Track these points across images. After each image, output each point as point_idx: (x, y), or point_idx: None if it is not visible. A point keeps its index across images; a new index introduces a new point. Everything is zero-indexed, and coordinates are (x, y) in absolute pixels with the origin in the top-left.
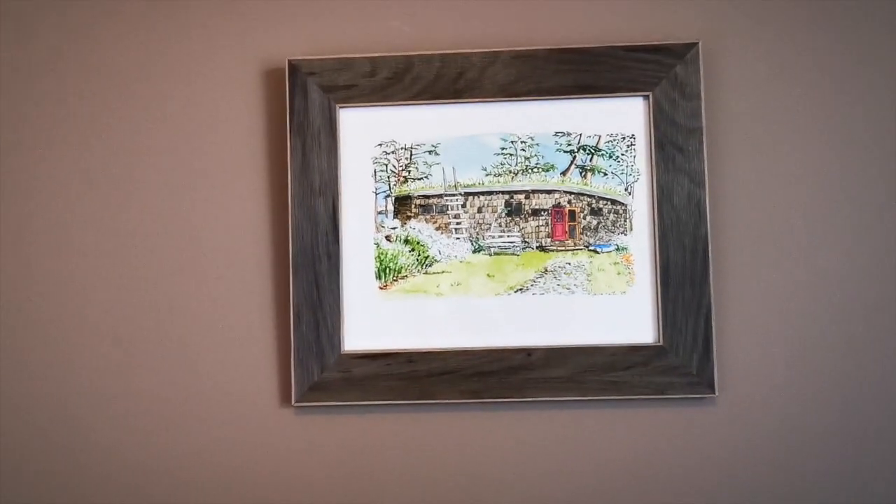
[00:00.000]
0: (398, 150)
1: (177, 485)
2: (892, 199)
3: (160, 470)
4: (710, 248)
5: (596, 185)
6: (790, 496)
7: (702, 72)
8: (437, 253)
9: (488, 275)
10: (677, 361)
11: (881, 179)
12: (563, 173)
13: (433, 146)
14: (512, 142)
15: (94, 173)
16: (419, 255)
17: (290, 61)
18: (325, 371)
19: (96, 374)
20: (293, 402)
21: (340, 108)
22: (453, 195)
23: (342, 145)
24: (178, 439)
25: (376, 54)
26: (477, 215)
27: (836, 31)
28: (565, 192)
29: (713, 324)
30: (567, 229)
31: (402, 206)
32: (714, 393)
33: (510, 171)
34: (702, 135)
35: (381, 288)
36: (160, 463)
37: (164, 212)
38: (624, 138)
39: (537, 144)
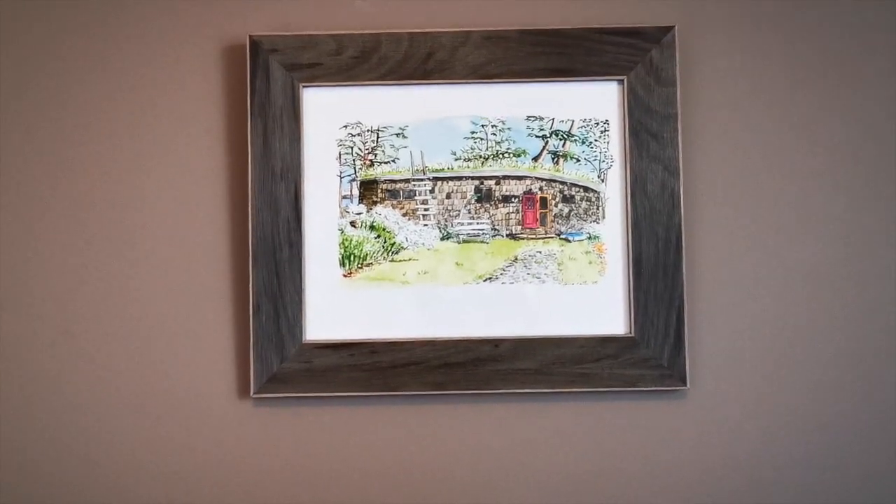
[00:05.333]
0: (364, 132)
1: (130, 480)
2: (868, 189)
3: (111, 464)
4: (683, 238)
5: (568, 171)
6: (761, 489)
7: (678, 57)
8: (404, 240)
9: (457, 263)
10: (648, 353)
11: (858, 170)
12: (535, 159)
13: (401, 129)
14: (483, 126)
15: (41, 155)
16: (385, 241)
17: (251, 38)
18: (284, 362)
19: (44, 366)
20: (251, 393)
21: (304, 87)
22: (421, 180)
23: (305, 127)
24: (131, 433)
25: (342, 32)
26: (445, 201)
27: (815, 18)
28: (537, 178)
29: (685, 315)
30: (538, 217)
31: (368, 190)
32: (685, 386)
33: (480, 156)
34: (677, 122)
35: (344, 276)
36: (111, 457)
37: (116, 196)
38: (597, 124)
39: (509, 129)
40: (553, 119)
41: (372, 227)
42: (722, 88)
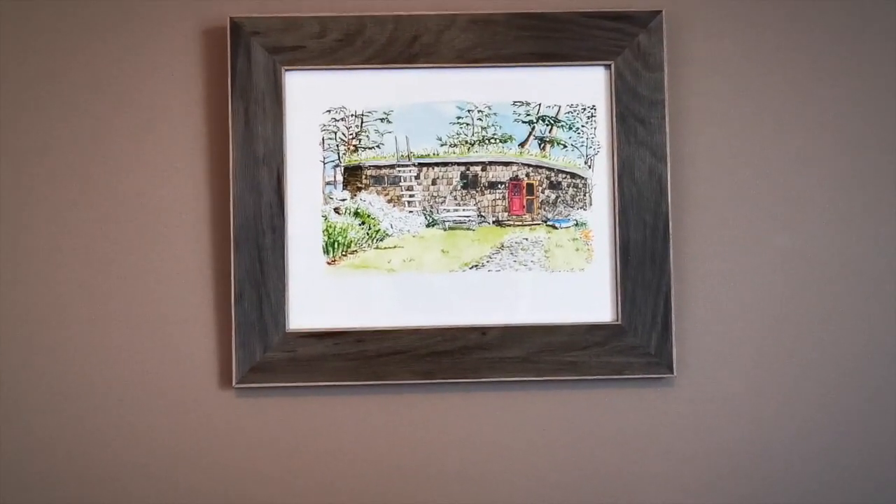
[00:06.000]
0: (348, 116)
1: (109, 471)
2: (859, 176)
3: (90, 455)
4: (670, 224)
5: (555, 157)
6: (748, 477)
7: (665, 41)
8: (389, 227)
9: (442, 250)
10: (636, 341)
11: (849, 156)
12: (522, 145)
13: (385, 113)
14: (469, 111)
15: (19, 140)
16: (370, 228)
17: (232, 19)
18: (268, 351)
19: (21, 355)
20: (234, 383)
21: (287, 70)
22: (406, 166)
23: (288, 111)
24: (108, 423)
25: (326, 14)
26: (431, 187)
27: (804, 3)
28: (523, 164)
29: (672, 303)
30: (525, 203)
31: (352, 176)
32: (672, 373)
33: (466, 142)
34: (664, 107)
35: (328, 263)
36: (91, 448)
37: (94, 181)
38: (584, 109)
39: (495, 114)
40: (540, 104)
41: (356, 214)
42: (710, 73)
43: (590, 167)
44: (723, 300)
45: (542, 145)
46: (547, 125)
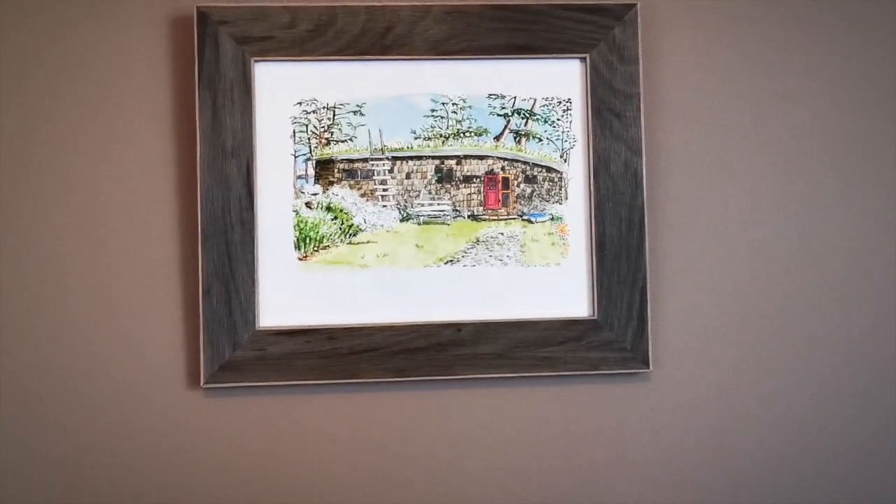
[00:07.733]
0: (320, 109)
1: (73, 473)
2: (833, 171)
3: (54, 458)
4: (646, 219)
5: (530, 151)
6: (724, 471)
7: (640, 35)
8: (362, 221)
9: (417, 245)
10: (612, 336)
11: (822, 151)
12: (497, 138)
13: (358, 106)
14: (443, 103)
15: None
16: (342, 223)
17: (198, 8)
18: (237, 349)
19: None
20: (202, 383)
21: (256, 61)
22: (380, 159)
23: (258, 103)
24: (73, 424)
25: (296, 3)
26: (405, 181)
27: None
28: (499, 157)
29: (648, 297)
30: (500, 197)
31: (324, 170)
32: (648, 368)
33: (441, 135)
34: (640, 101)
35: (300, 259)
36: (54, 450)
37: (57, 173)
38: (560, 102)
39: (470, 107)
40: (515, 97)
41: (328, 209)
42: (685, 66)
43: (565, 161)
44: (699, 294)
45: (518, 139)
46: (522, 118)
